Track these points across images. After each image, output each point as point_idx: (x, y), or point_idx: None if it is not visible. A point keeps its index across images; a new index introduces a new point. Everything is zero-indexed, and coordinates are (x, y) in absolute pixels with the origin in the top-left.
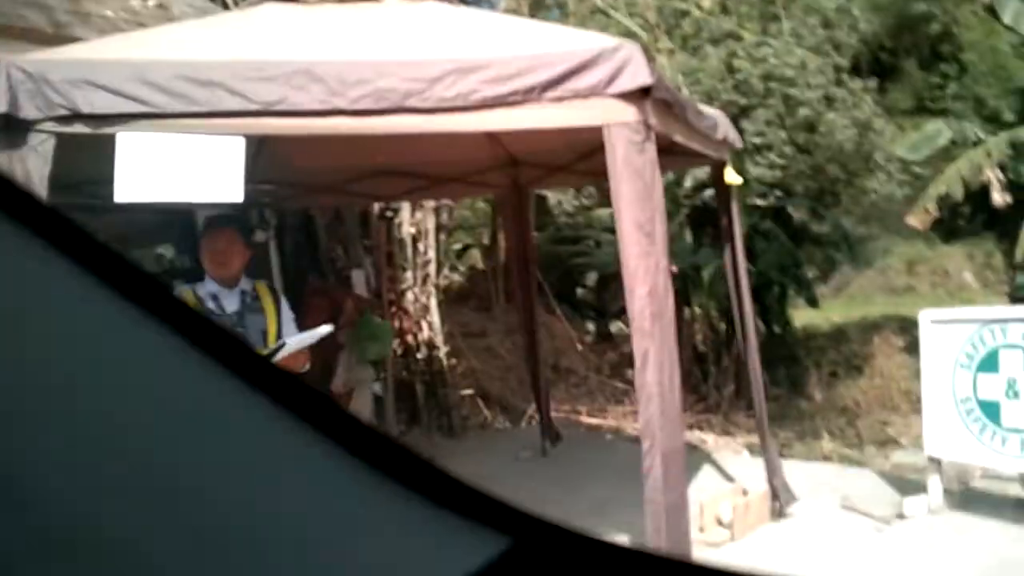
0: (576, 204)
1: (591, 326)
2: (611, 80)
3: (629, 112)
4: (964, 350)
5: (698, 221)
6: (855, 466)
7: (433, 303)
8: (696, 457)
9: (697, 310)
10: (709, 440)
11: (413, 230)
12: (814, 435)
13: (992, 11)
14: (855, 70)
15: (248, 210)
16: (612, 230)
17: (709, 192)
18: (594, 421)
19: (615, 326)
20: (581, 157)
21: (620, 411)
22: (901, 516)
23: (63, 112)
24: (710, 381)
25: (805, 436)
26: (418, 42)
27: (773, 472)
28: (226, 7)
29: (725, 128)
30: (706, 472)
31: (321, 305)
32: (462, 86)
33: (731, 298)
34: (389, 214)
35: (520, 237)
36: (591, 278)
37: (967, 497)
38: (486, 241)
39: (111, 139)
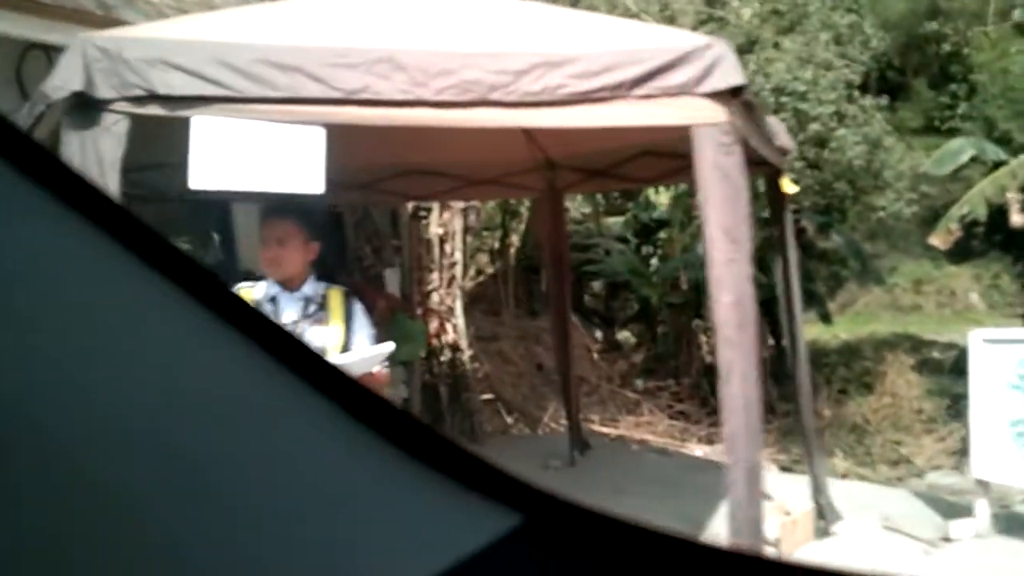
0: (585, 212)
1: (599, 334)
2: (701, 79)
3: (718, 112)
4: (1017, 371)
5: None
6: (889, 485)
7: (458, 305)
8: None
9: (708, 322)
10: None
11: (440, 231)
12: (826, 452)
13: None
14: (863, 87)
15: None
16: (622, 239)
17: None
18: (606, 430)
19: (622, 335)
20: (621, 162)
21: (632, 421)
22: (947, 539)
23: (138, 92)
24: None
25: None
26: (499, 34)
27: (819, 490)
28: None
29: (782, 135)
30: None
31: None
32: (548, 80)
33: (782, 312)
34: (422, 214)
35: (555, 242)
36: (599, 286)
37: (1013, 521)
38: (496, 245)
39: (153, 126)
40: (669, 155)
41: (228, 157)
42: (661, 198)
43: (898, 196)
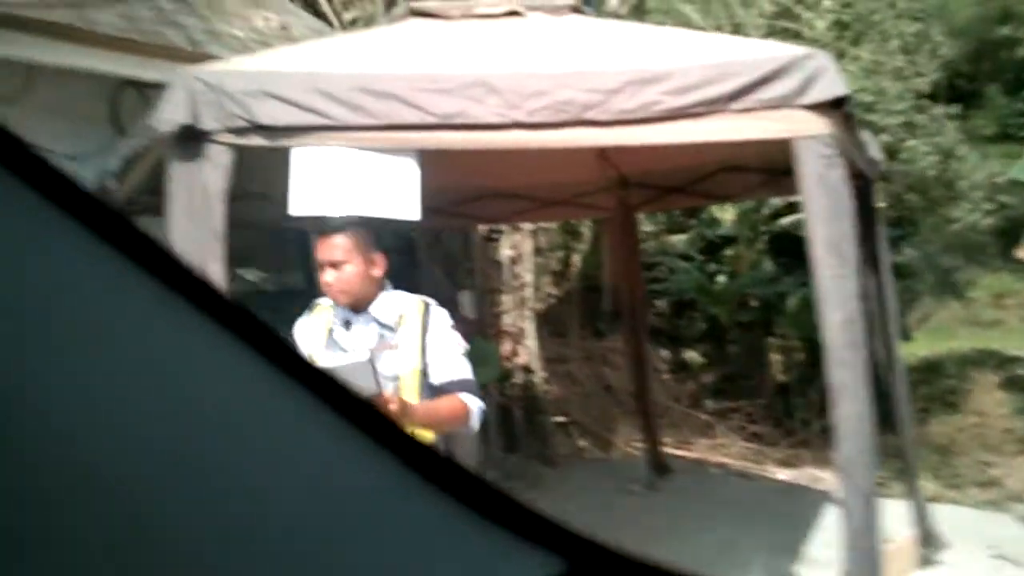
0: (647, 230)
1: (665, 354)
2: (802, 90)
3: (820, 124)
4: None
5: (779, 248)
6: (984, 509)
7: (530, 327)
8: (813, 497)
9: (780, 340)
10: (826, 477)
11: (511, 253)
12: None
13: None
14: (933, 96)
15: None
16: (686, 257)
17: (789, 219)
18: (680, 453)
19: (689, 354)
20: (700, 179)
21: (705, 444)
22: None
23: (241, 124)
24: (796, 415)
25: (902, 475)
26: (590, 53)
27: (922, 516)
28: (331, 26)
29: (873, 146)
30: (828, 513)
31: None
32: (643, 97)
33: (878, 330)
34: (494, 236)
35: (629, 262)
36: (664, 305)
37: None
38: (558, 266)
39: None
40: (750, 170)
41: (327, 184)
42: (726, 214)
43: (974, 207)
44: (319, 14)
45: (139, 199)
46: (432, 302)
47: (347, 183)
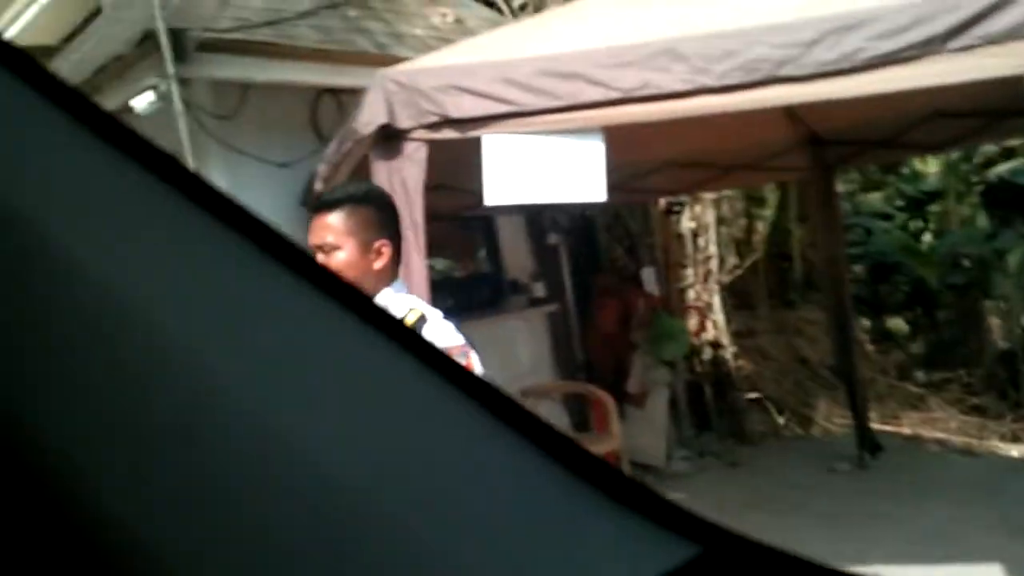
0: (839, 191)
1: (865, 323)
2: None
3: None
4: None
5: (995, 200)
6: None
7: (716, 300)
8: None
9: (1000, 304)
10: None
11: (693, 225)
12: None
13: None
14: None
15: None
16: (884, 215)
17: (1006, 166)
18: (889, 428)
19: (893, 322)
20: (904, 129)
21: (918, 418)
22: None
23: (433, 119)
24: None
25: None
26: (779, 5)
27: None
28: (502, 14)
29: None
30: None
31: (612, 304)
32: (845, 46)
33: None
34: (676, 209)
35: (828, 226)
36: (861, 269)
37: None
38: (741, 236)
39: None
40: (963, 116)
41: (518, 172)
42: (929, 167)
43: None
44: (489, 3)
45: None
46: (434, 314)
47: (536, 169)
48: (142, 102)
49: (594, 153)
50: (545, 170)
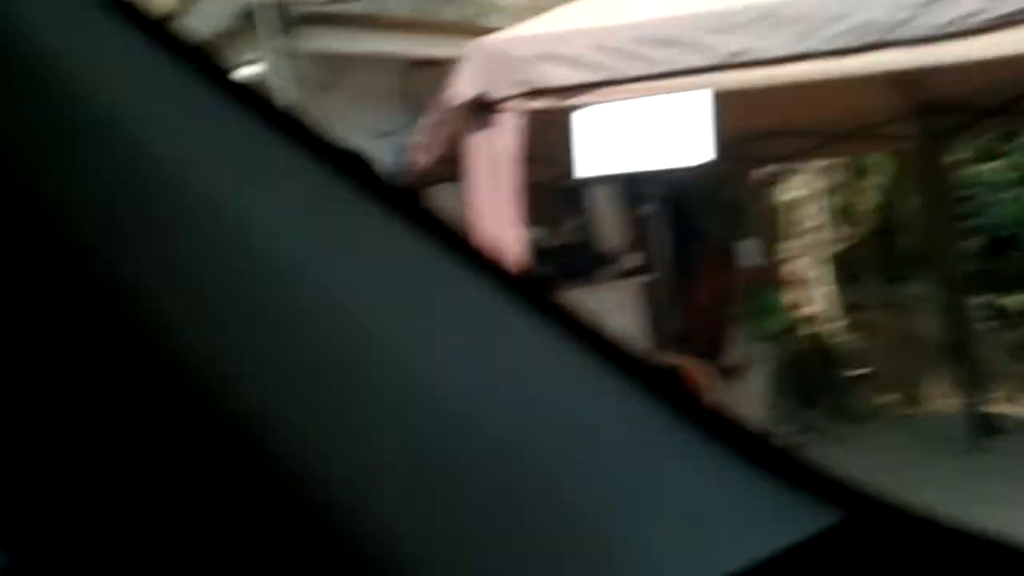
0: (949, 160)
1: (980, 299)
2: None
3: None
4: None
5: None
6: None
7: (820, 274)
8: None
9: None
10: None
11: (795, 195)
12: None
13: None
14: None
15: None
16: (1004, 186)
17: None
18: (1006, 410)
19: (1010, 299)
20: (1020, 96)
21: None
22: None
23: (526, 89)
24: None
25: None
26: None
27: None
28: None
29: None
30: None
31: (709, 276)
32: (961, 8)
33: None
34: (775, 180)
35: (939, 198)
36: (975, 243)
37: None
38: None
39: None
40: None
41: (611, 142)
42: None
43: None
44: None
45: (437, 169)
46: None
47: (631, 138)
48: (244, 76)
49: (700, 110)
50: (643, 136)
